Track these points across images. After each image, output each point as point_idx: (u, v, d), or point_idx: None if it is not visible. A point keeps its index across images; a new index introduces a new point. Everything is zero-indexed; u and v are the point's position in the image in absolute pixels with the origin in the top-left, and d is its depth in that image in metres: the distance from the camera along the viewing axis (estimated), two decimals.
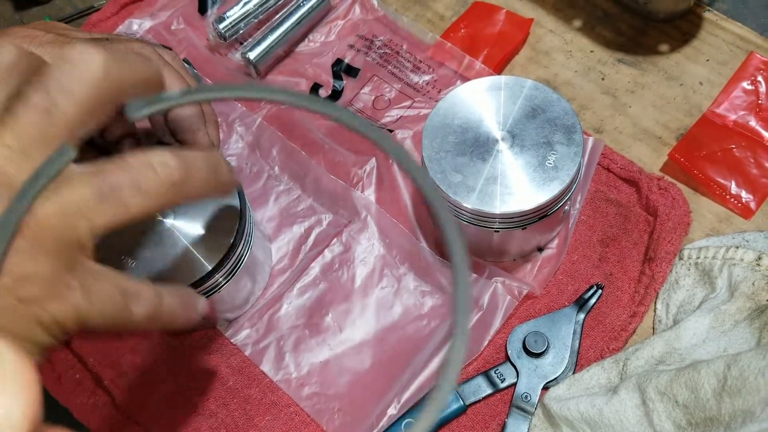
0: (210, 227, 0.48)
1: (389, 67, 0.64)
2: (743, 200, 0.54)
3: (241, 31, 0.66)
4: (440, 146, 0.49)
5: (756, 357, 0.36)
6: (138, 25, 0.68)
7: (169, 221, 0.49)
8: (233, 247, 0.48)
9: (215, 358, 0.54)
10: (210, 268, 0.47)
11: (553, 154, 0.47)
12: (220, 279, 0.49)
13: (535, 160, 0.47)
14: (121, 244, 0.48)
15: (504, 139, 0.48)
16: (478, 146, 0.48)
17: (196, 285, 0.47)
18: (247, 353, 0.53)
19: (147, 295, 0.37)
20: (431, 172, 0.48)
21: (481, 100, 0.50)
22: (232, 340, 0.54)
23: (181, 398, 0.53)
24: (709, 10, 0.62)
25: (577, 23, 0.64)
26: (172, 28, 0.68)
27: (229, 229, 0.48)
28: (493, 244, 0.52)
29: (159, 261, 0.47)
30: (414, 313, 0.54)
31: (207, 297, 0.49)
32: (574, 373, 0.50)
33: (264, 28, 0.65)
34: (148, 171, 0.33)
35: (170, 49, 0.61)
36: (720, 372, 0.38)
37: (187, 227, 0.48)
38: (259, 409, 0.52)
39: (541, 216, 0.48)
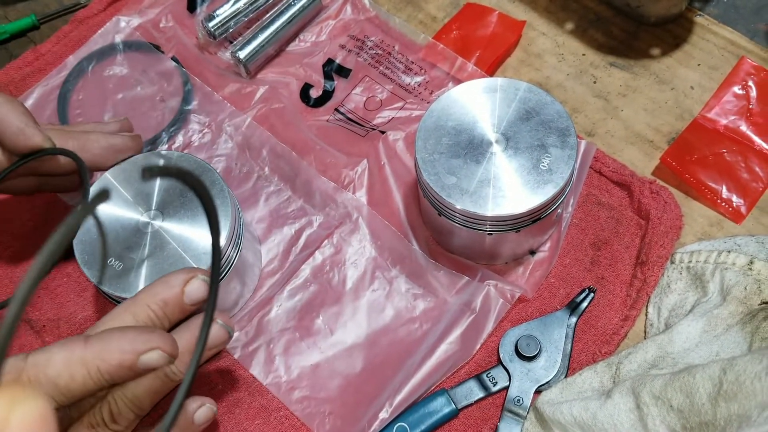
0: (199, 229, 0.47)
1: (381, 67, 0.63)
2: (734, 204, 0.55)
3: (230, 30, 0.65)
4: (434, 148, 0.48)
5: (752, 361, 0.36)
6: (126, 22, 0.67)
7: (158, 223, 0.48)
8: (222, 250, 0.47)
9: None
10: None
11: (547, 156, 0.47)
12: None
13: (529, 162, 0.47)
14: (108, 246, 0.47)
15: (498, 141, 0.48)
16: (473, 148, 0.48)
17: None
18: (236, 356, 0.53)
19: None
20: (425, 174, 0.47)
21: (475, 101, 0.50)
22: None
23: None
24: (700, 15, 0.63)
25: (569, 26, 0.64)
26: (161, 25, 0.67)
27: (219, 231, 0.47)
28: (485, 246, 0.52)
29: (147, 264, 0.47)
30: (405, 316, 0.53)
31: None
32: (566, 376, 0.50)
33: (254, 27, 0.64)
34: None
35: None
36: (715, 376, 0.38)
37: (176, 229, 0.48)
38: (248, 413, 0.51)
39: (535, 219, 0.48)
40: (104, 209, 0.48)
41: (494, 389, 0.50)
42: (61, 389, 0.35)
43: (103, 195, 0.25)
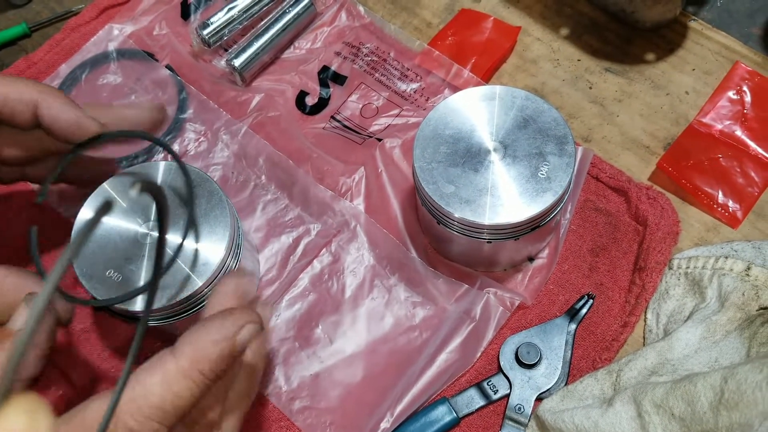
0: (198, 240, 0.47)
1: (376, 74, 0.63)
2: (730, 209, 0.55)
3: (225, 38, 0.65)
4: (432, 156, 0.48)
5: (753, 370, 0.37)
6: (119, 30, 0.67)
7: (156, 234, 0.47)
8: (222, 260, 0.47)
9: None
10: (199, 282, 0.46)
11: (545, 164, 0.47)
12: (208, 292, 0.48)
13: (527, 170, 0.47)
14: (107, 258, 0.47)
15: (496, 149, 0.48)
16: (471, 157, 0.48)
17: (185, 300, 0.46)
18: None
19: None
20: (423, 182, 0.47)
21: (473, 109, 0.50)
22: None
23: None
24: (694, 20, 0.63)
25: (564, 31, 0.64)
26: (154, 33, 0.67)
27: (218, 242, 0.47)
28: (484, 254, 0.52)
29: (146, 275, 0.46)
30: (405, 324, 0.53)
31: (196, 311, 0.48)
32: (566, 384, 0.50)
33: (249, 34, 0.64)
34: None
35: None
36: (717, 385, 0.38)
37: (175, 240, 0.47)
38: (249, 425, 0.51)
39: (534, 227, 0.48)
40: (103, 220, 0.48)
41: (495, 397, 0.50)
42: (170, 412, 0.34)
43: (107, 206, 0.25)
